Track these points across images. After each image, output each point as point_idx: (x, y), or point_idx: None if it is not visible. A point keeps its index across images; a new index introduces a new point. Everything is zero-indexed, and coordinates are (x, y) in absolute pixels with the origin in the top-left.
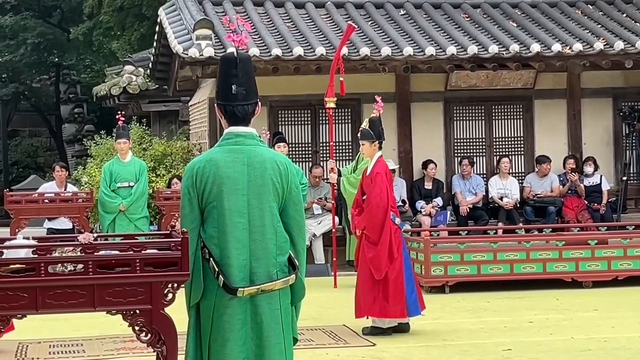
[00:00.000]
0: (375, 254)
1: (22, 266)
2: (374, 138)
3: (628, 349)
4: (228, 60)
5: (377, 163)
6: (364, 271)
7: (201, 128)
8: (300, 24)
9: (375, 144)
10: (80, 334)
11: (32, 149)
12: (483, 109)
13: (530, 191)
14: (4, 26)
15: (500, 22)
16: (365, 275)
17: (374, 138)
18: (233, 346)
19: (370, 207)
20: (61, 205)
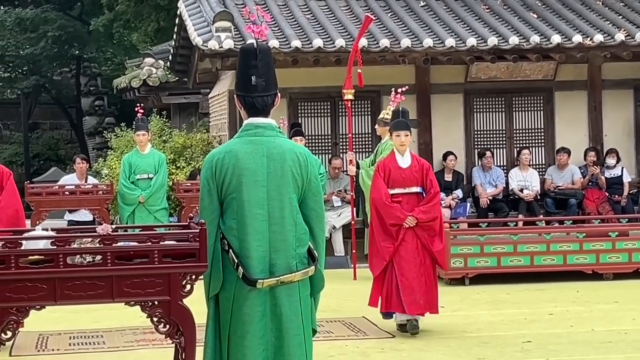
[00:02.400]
0: (443, 246)
1: (41, 257)
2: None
3: None
4: (248, 52)
5: (414, 155)
6: (424, 265)
7: (221, 120)
8: (320, 16)
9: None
10: (100, 326)
11: (53, 142)
12: (503, 101)
13: (551, 183)
14: (25, 19)
15: (520, 13)
16: (428, 269)
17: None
18: (252, 338)
19: (437, 198)
20: (81, 198)
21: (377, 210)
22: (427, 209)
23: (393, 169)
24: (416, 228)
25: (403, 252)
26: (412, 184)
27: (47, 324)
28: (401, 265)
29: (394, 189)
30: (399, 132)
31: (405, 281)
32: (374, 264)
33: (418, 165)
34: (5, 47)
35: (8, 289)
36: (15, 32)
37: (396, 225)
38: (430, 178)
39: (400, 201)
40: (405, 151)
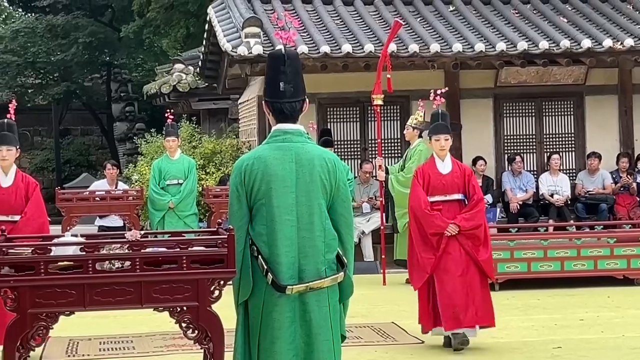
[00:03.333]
0: (489, 255)
1: (70, 263)
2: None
3: None
4: (276, 58)
5: (455, 160)
6: (471, 274)
7: (250, 126)
8: (349, 21)
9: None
10: (130, 331)
11: (83, 147)
12: (533, 105)
13: (582, 188)
14: (56, 25)
15: (550, 17)
16: (473, 279)
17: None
18: (282, 344)
19: (481, 204)
20: (112, 203)
21: (417, 219)
22: (470, 216)
23: (433, 175)
24: (459, 237)
25: (443, 264)
26: (453, 190)
27: (77, 330)
28: (441, 278)
29: (433, 197)
30: (438, 136)
31: (445, 295)
32: (414, 277)
33: (459, 171)
34: (37, 53)
35: (37, 294)
36: (46, 39)
37: (437, 234)
38: (472, 184)
39: (441, 209)
40: (446, 156)
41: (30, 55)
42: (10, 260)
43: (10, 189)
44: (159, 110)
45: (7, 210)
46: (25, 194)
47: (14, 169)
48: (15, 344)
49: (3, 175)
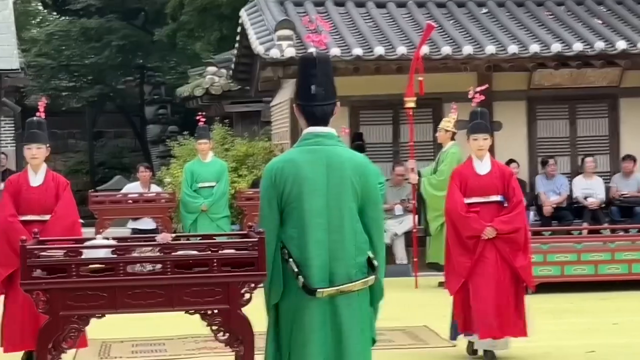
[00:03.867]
0: (528, 261)
1: (102, 266)
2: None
3: None
4: (307, 61)
5: (494, 160)
6: (506, 282)
7: (283, 128)
8: (382, 24)
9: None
10: (162, 334)
11: (117, 150)
12: (567, 108)
13: (616, 191)
14: (90, 28)
15: (584, 19)
16: (509, 286)
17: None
18: (313, 347)
19: (521, 207)
20: (144, 206)
21: (453, 222)
22: (508, 219)
23: (470, 176)
24: (496, 241)
25: (479, 268)
26: (491, 192)
27: (110, 332)
28: (476, 284)
29: (471, 198)
30: (476, 136)
31: (479, 301)
32: (450, 282)
33: (499, 172)
34: (70, 56)
35: (69, 297)
36: (80, 42)
37: (473, 237)
38: (512, 185)
39: (479, 211)
40: (485, 156)
41: (64, 59)
42: (42, 263)
43: (40, 188)
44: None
45: (38, 209)
46: (56, 193)
47: (44, 167)
48: (47, 347)
49: (33, 174)
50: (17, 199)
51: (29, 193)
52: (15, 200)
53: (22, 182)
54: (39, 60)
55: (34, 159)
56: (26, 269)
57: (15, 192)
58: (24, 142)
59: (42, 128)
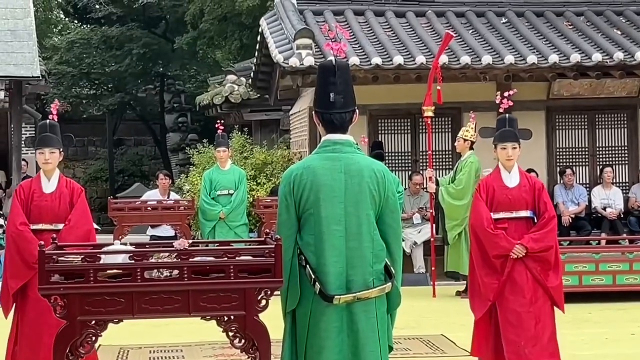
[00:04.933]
0: (560, 282)
1: (119, 271)
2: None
3: None
4: (326, 69)
5: (524, 172)
6: (538, 303)
7: (302, 137)
8: (401, 33)
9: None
10: (180, 340)
11: (137, 158)
12: (586, 118)
13: (635, 201)
14: (111, 37)
15: (604, 29)
16: (543, 309)
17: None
18: (329, 353)
19: (552, 223)
20: (163, 213)
21: (478, 238)
22: (539, 236)
23: (497, 189)
24: (526, 260)
25: (508, 290)
26: (520, 206)
27: (128, 338)
28: (504, 307)
29: (498, 213)
30: (505, 144)
31: (509, 326)
32: (475, 305)
33: (529, 185)
34: (91, 64)
35: (87, 302)
36: (100, 50)
37: (501, 256)
38: (544, 200)
39: (506, 227)
40: (513, 167)
41: (85, 66)
42: (60, 268)
43: (53, 195)
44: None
45: (51, 218)
46: (70, 200)
47: (57, 173)
48: (64, 351)
49: (46, 180)
50: (28, 206)
51: (41, 200)
52: (26, 208)
53: (34, 189)
54: (60, 68)
55: (46, 163)
56: (44, 273)
57: (27, 199)
58: (36, 146)
59: (55, 132)
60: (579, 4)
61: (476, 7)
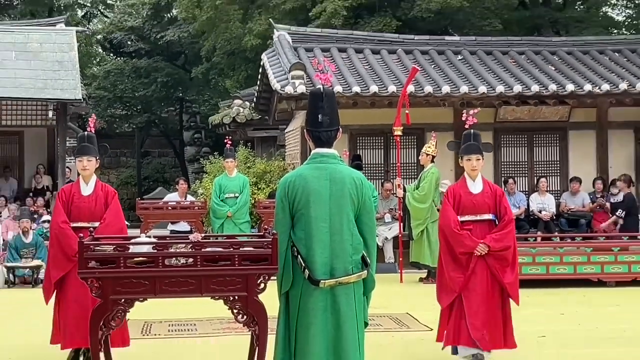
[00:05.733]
0: (515, 278)
1: (144, 259)
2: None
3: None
4: (316, 95)
5: (486, 180)
6: (495, 297)
7: (294, 150)
8: (376, 67)
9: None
10: (193, 316)
11: (160, 167)
12: (525, 138)
13: (565, 206)
14: (140, 67)
15: (541, 66)
16: (497, 301)
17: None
18: (316, 328)
19: (511, 225)
20: (181, 212)
21: (446, 238)
22: (500, 236)
23: (464, 195)
24: (487, 257)
25: (471, 284)
26: (483, 210)
27: (151, 314)
28: (468, 298)
29: (464, 216)
30: (470, 156)
31: (473, 316)
32: (442, 296)
33: (491, 192)
34: (124, 90)
35: (117, 284)
36: (131, 78)
37: (466, 253)
38: (504, 205)
39: (471, 229)
40: (477, 176)
41: (119, 91)
42: (96, 256)
43: (90, 197)
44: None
45: (88, 217)
46: (105, 201)
47: (94, 178)
48: (98, 324)
49: (84, 184)
50: (69, 207)
51: (80, 201)
52: (67, 208)
53: (74, 192)
54: (98, 93)
55: (84, 170)
56: (83, 260)
57: (68, 200)
58: (76, 155)
59: (92, 142)
60: (521, 44)
61: (437, 47)
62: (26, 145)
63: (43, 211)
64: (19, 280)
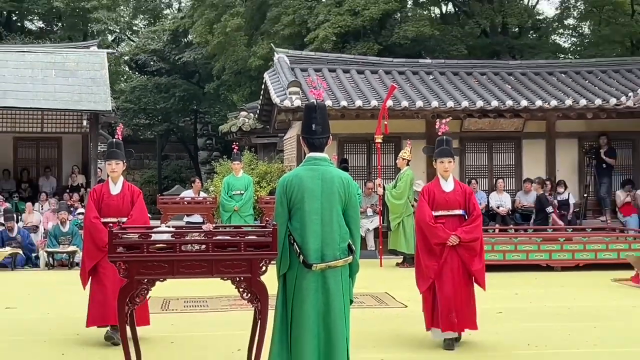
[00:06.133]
0: (482, 266)
1: (164, 245)
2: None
3: (585, 313)
4: (310, 107)
5: (457, 180)
6: (464, 283)
7: (291, 155)
8: (361, 85)
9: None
10: (205, 294)
11: (177, 168)
12: (486, 145)
13: (519, 203)
14: (161, 84)
15: (499, 85)
16: (465, 287)
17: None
18: (309, 304)
19: (479, 220)
20: (195, 206)
21: (422, 230)
22: (469, 229)
23: (437, 193)
24: (458, 247)
25: (443, 271)
26: (455, 206)
27: (170, 292)
28: (440, 285)
29: (438, 211)
30: (443, 159)
31: (444, 300)
32: (420, 282)
33: (461, 190)
34: (147, 102)
35: (141, 266)
36: (153, 93)
37: (440, 244)
38: (472, 202)
39: (444, 223)
40: (449, 176)
41: (142, 104)
42: (123, 242)
43: (118, 196)
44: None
45: (116, 213)
46: (131, 199)
47: (121, 179)
48: (125, 300)
49: (112, 184)
50: (99, 204)
51: (110, 199)
52: (97, 205)
53: (104, 191)
54: (125, 105)
55: (113, 172)
56: (112, 246)
57: (98, 198)
58: (105, 159)
59: (119, 148)
60: (483, 67)
61: (412, 68)
62: (64, 149)
63: (78, 205)
64: (57, 264)
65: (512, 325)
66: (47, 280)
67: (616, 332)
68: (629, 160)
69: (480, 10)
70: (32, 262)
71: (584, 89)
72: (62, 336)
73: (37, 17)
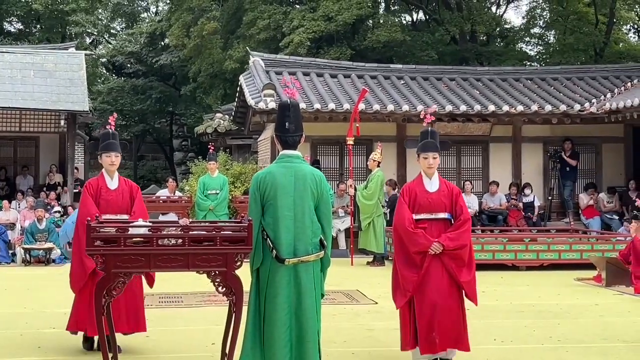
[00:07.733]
0: (472, 277)
1: (141, 239)
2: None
3: (549, 311)
4: (284, 106)
5: (443, 179)
6: (450, 296)
7: (265, 156)
8: (334, 88)
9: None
10: (180, 290)
11: (153, 168)
12: (454, 148)
13: (486, 205)
14: (137, 86)
15: (468, 90)
16: (451, 300)
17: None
18: (281, 298)
19: (467, 225)
20: (171, 205)
21: (400, 236)
22: (455, 235)
23: (419, 193)
24: (443, 257)
25: (424, 284)
26: (439, 209)
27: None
28: (420, 300)
29: (419, 214)
30: (427, 154)
31: (423, 317)
32: (397, 296)
33: (447, 190)
34: (124, 104)
35: (118, 260)
36: (130, 94)
37: (420, 252)
38: (460, 204)
39: (426, 227)
40: (434, 174)
41: (119, 105)
42: (101, 236)
43: (117, 191)
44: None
45: (116, 210)
46: (130, 195)
47: (117, 173)
48: (102, 293)
49: (109, 178)
50: (97, 200)
51: (108, 195)
52: (95, 200)
53: (101, 186)
54: (102, 106)
55: (112, 165)
56: (90, 240)
57: (95, 193)
58: (102, 151)
59: (116, 139)
60: (452, 72)
61: (384, 73)
62: (41, 148)
63: (55, 203)
64: (34, 260)
65: (478, 322)
66: (24, 275)
67: (579, 328)
68: (591, 165)
69: (450, 18)
70: (7, 259)
71: (550, 95)
72: (37, 330)
73: (15, 19)
